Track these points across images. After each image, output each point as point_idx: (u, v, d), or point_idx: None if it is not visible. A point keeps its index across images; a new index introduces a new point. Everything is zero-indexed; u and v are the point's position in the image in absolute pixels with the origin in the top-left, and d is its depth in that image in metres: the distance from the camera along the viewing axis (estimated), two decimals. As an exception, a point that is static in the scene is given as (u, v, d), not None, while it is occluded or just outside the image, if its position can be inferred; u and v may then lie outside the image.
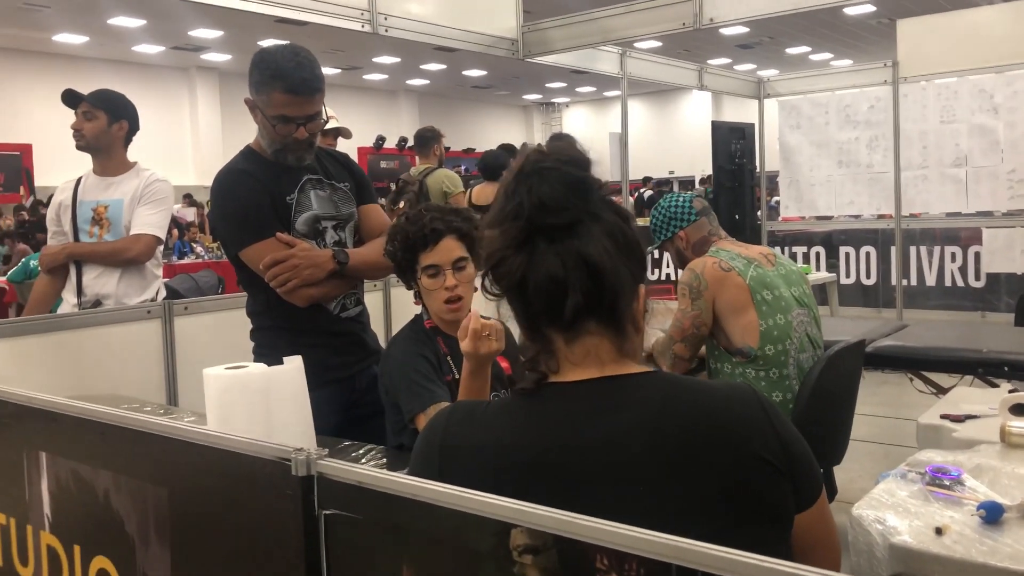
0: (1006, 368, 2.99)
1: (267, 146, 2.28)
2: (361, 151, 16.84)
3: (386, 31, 3.99)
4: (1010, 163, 6.47)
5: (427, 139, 5.54)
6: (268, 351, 2.23)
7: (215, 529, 1.15)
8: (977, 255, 7.20)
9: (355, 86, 19.19)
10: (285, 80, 2.17)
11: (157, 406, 2.51)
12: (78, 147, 3.10)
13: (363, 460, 1.95)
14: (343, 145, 4.13)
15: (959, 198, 6.78)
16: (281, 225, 2.26)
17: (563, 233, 1.06)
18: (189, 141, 17.17)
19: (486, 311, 1.99)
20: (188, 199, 14.44)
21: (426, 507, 0.94)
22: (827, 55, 18.09)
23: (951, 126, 6.71)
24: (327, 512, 1.03)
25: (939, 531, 1.50)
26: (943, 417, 2.34)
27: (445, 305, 2.06)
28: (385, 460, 2.02)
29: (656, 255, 7.41)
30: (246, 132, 2.49)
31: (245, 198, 2.26)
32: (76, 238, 3.08)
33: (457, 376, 2.07)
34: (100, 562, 1.25)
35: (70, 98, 3.11)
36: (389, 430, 2.13)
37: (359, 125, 17.83)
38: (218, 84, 17.89)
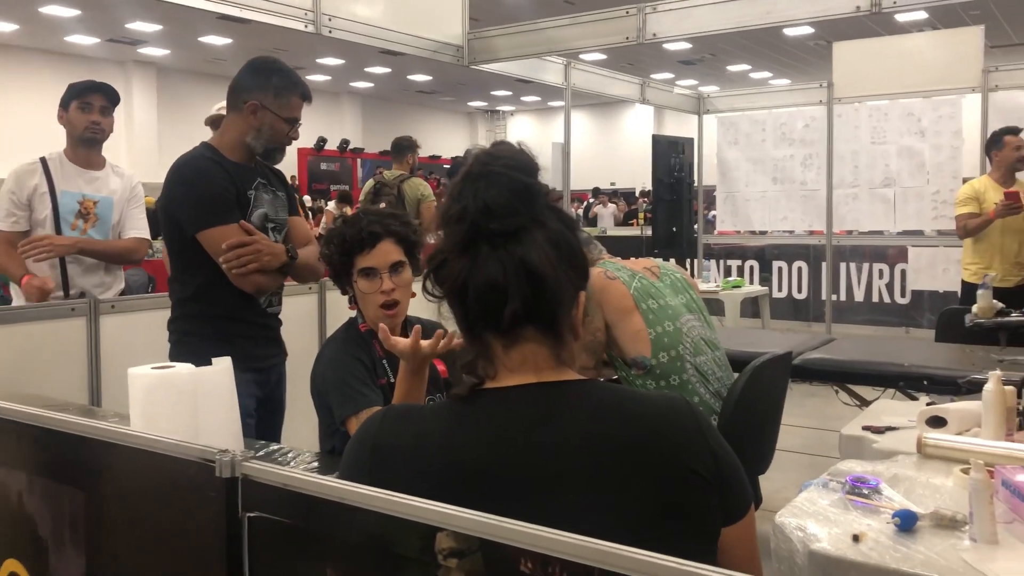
0: (925, 382, 3.10)
1: (262, 144, 2.46)
2: (301, 152, 16.61)
3: (330, 32, 3.96)
4: (935, 185, 6.72)
5: (404, 148, 5.90)
6: (192, 339, 2.37)
7: (134, 532, 1.12)
8: (903, 272, 7.46)
9: (298, 86, 18.92)
10: (302, 87, 2.52)
11: (79, 407, 2.43)
12: (93, 140, 3.10)
13: (292, 464, 1.92)
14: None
15: (887, 217, 7.01)
16: (241, 215, 2.40)
17: (506, 239, 1.06)
18: (123, 136, 16.67)
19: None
20: (121, 195, 14.03)
21: (352, 510, 0.93)
22: (767, 74, 18.54)
23: (881, 147, 6.95)
24: (251, 515, 1.01)
25: (856, 538, 1.54)
26: (865, 428, 2.41)
27: (381, 310, 2.05)
28: (316, 464, 1.99)
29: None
30: (183, 128, 2.54)
31: (215, 182, 2.38)
32: (58, 228, 3.02)
33: (392, 380, 2.06)
34: (11, 565, 1.21)
35: (112, 97, 3.14)
36: (321, 433, 2.11)
37: (300, 126, 17.60)
38: (156, 79, 17.46)
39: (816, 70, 14.61)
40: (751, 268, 8.38)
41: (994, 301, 4.06)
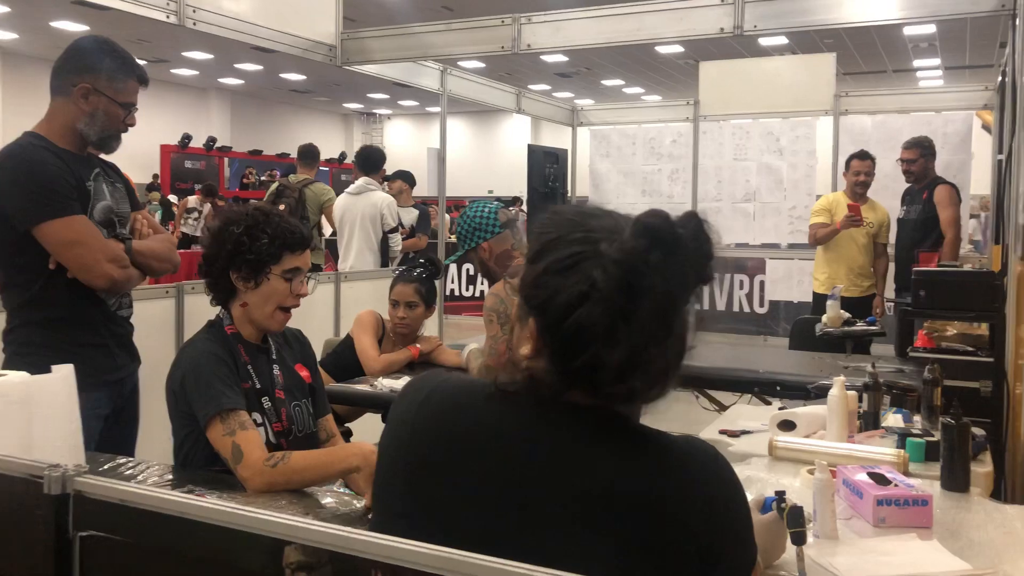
0: (778, 387, 3.27)
1: (96, 132, 2.29)
2: (164, 149, 15.89)
3: (194, 24, 3.79)
4: (791, 201, 7.11)
5: (314, 154, 6.32)
6: (32, 350, 2.13)
7: (-50, 556, 1.03)
8: (762, 283, 7.84)
9: (161, 80, 18.04)
10: (137, 70, 2.36)
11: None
12: None
13: (139, 478, 1.82)
14: (145, 140, 3.91)
15: (747, 230, 7.36)
16: (81, 208, 2.24)
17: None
18: (-35, 125, 15.49)
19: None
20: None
21: (194, 525, 0.89)
22: (639, 89, 19.16)
23: (743, 163, 7.29)
24: (83, 534, 0.95)
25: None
26: (722, 432, 2.50)
27: (279, 311, 2.05)
28: (171, 478, 1.89)
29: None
30: (32, 117, 2.38)
31: (51, 172, 2.21)
32: None
33: (257, 385, 2.00)
34: None
35: None
36: (175, 444, 2.01)
37: (164, 122, 16.84)
38: (1, 64, 16.28)
39: (685, 88, 15.19)
40: (621, 277, 8.59)
41: (841, 312, 4.33)
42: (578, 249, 1.01)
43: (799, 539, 1.40)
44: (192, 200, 12.38)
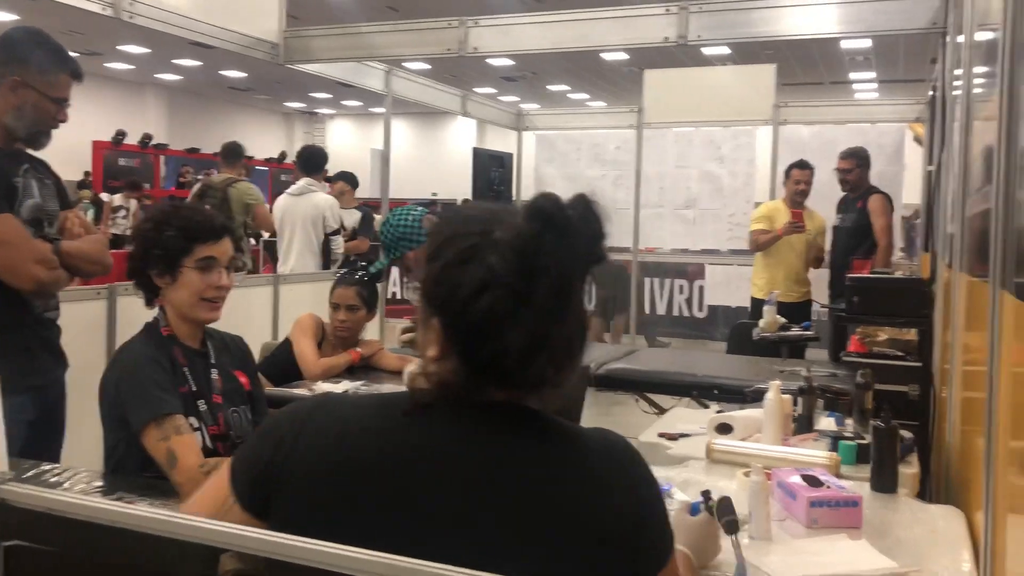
0: (716, 391, 3.32)
1: (25, 127, 2.24)
2: (97, 145, 15.44)
3: (131, 18, 3.69)
4: (731, 208, 7.25)
5: (238, 153, 6.02)
6: None
7: None
8: (701, 288, 7.98)
9: (95, 74, 17.49)
10: (71, 64, 2.30)
11: None
12: None
13: (66, 485, 1.76)
14: (76, 136, 3.80)
15: (688, 236, 7.48)
16: (8, 206, 2.16)
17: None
18: None
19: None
20: None
21: (126, 534, 0.87)
22: (584, 95, 19.30)
23: (684, 171, 7.40)
24: (8, 544, 0.92)
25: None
26: (660, 435, 2.54)
27: (203, 302, 1.99)
28: (100, 484, 1.84)
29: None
30: None
31: None
32: None
33: (194, 388, 1.96)
34: None
35: None
36: (106, 449, 1.95)
37: (97, 117, 16.36)
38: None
39: (629, 95, 15.33)
40: (564, 281, 8.64)
41: (777, 316, 4.43)
42: (475, 240, 1.01)
43: (732, 527, 1.42)
44: (118, 198, 12.02)
